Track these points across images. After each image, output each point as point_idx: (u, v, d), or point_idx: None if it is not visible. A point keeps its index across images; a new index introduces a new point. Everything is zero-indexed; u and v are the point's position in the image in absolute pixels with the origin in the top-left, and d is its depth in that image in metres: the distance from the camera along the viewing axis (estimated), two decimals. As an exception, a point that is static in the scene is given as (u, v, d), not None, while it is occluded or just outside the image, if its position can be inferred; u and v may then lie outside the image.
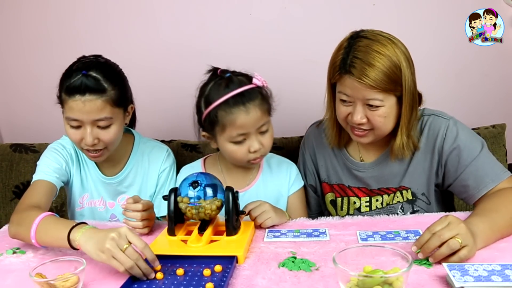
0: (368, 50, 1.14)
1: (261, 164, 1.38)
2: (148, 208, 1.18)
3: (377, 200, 1.34)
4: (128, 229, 0.97)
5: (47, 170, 1.32)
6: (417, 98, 1.21)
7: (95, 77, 1.20)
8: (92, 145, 1.24)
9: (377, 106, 1.16)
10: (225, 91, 1.19)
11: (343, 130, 1.31)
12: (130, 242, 0.94)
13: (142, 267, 0.93)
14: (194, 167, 1.39)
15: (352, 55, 1.14)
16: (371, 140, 1.24)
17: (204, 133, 1.28)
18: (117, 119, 1.26)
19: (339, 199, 1.38)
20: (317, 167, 1.42)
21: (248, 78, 1.23)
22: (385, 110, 1.17)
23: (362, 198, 1.35)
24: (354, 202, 1.36)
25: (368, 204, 1.35)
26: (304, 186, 1.42)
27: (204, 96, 1.23)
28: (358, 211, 1.36)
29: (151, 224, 1.21)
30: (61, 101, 1.24)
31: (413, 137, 1.24)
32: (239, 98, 1.18)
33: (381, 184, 1.33)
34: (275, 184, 1.36)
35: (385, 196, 1.33)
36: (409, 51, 1.19)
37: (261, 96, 1.22)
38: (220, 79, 1.22)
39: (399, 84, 1.16)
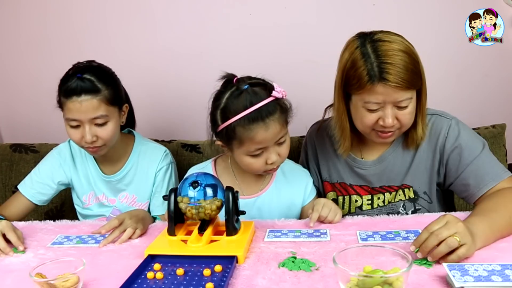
0: (392, 53, 1.11)
1: None
2: (123, 222, 1.20)
3: (378, 198, 1.34)
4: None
5: (31, 183, 1.45)
6: None
7: (89, 79, 1.28)
8: (91, 142, 1.30)
9: (406, 106, 1.15)
10: (243, 106, 1.14)
11: (354, 136, 1.30)
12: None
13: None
14: (204, 169, 1.34)
15: (379, 61, 1.11)
16: (395, 138, 1.25)
17: (219, 142, 1.24)
18: (113, 117, 1.34)
19: (340, 198, 1.38)
20: (319, 166, 1.42)
21: (267, 89, 1.17)
22: (412, 106, 1.17)
23: (364, 196, 1.35)
24: (356, 201, 1.36)
25: (369, 202, 1.35)
26: None
27: (220, 108, 1.18)
28: (360, 209, 1.36)
29: (146, 225, 1.25)
30: (61, 104, 1.32)
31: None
32: (258, 114, 1.13)
33: (383, 182, 1.33)
34: (289, 192, 1.34)
35: (387, 194, 1.33)
36: None
37: (280, 109, 1.17)
38: (236, 90, 1.16)
39: (420, 76, 1.15)
